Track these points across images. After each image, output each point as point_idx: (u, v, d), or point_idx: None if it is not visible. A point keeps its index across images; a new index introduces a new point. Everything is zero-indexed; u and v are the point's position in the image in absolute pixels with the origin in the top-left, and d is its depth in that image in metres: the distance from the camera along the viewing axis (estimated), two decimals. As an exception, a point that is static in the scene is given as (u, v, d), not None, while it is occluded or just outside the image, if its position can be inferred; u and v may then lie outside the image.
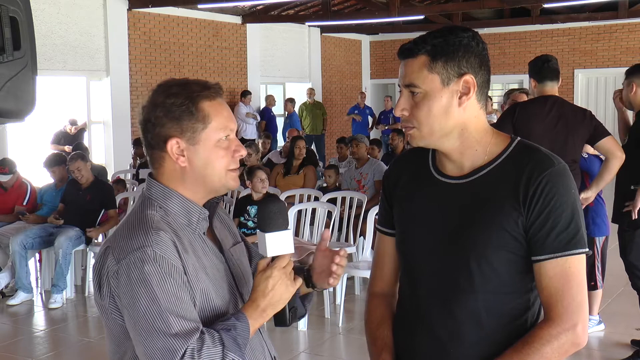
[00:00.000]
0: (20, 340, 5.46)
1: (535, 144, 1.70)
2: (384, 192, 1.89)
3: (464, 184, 1.69)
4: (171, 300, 1.53)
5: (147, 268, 1.53)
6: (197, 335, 1.53)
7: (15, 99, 3.27)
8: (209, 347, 1.52)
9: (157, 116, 1.64)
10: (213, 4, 11.78)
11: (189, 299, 1.57)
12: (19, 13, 3.24)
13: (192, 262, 1.62)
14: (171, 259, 1.56)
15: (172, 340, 1.51)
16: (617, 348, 4.77)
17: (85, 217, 6.47)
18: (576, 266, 1.61)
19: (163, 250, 1.56)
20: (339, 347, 5.20)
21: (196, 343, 1.52)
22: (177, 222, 1.66)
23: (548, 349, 1.60)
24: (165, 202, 1.67)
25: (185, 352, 1.50)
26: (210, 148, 1.66)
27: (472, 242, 1.64)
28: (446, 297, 1.69)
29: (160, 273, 1.53)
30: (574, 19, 14.17)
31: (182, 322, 1.52)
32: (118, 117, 11.33)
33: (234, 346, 1.56)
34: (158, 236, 1.57)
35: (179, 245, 1.60)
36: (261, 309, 1.63)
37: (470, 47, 1.64)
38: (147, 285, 1.53)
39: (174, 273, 1.55)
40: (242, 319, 1.60)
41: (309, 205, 6.28)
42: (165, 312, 1.52)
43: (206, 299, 1.63)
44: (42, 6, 9.97)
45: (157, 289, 1.52)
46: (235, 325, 1.58)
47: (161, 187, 1.68)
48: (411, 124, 1.68)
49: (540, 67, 4.27)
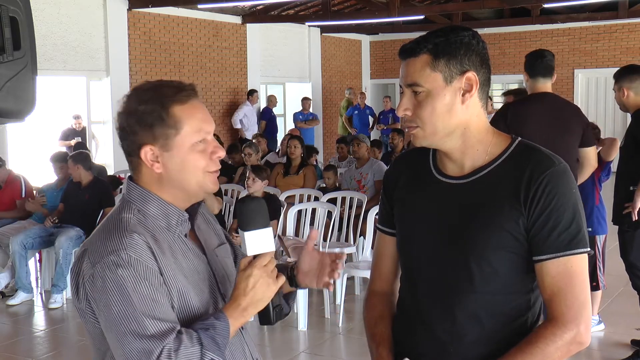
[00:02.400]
0: (20, 340, 5.47)
1: (536, 144, 1.70)
2: (384, 191, 1.89)
3: (464, 184, 1.69)
4: (146, 303, 1.53)
5: (121, 272, 1.53)
6: (173, 336, 1.53)
7: (15, 99, 3.26)
8: (186, 346, 1.52)
9: (129, 124, 1.64)
10: (213, 4, 11.77)
11: (166, 300, 1.57)
12: (19, 13, 3.24)
13: (169, 263, 1.61)
14: (146, 261, 1.56)
15: (148, 341, 1.51)
16: (617, 348, 4.77)
17: (85, 216, 6.47)
18: (579, 265, 1.62)
19: (137, 253, 1.56)
20: (339, 347, 5.20)
21: (173, 343, 1.52)
22: (156, 224, 1.65)
23: (552, 348, 1.60)
24: (144, 205, 1.66)
25: (162, 351, 1.50)
26: (184, 153, 1.64)
27: (473, 242, 1.64)
28: (446, 297, 1.69)
29: (134, 276, 1.54)
30: (574, 19, 14.16)
31: (158, 323, 1.53)
32: (118, 117, 11.31)
33: (212, 345, 1.55)
34: (132, 239, 1.57)
35: (155, 247, 1.60)
36: (242, 308, 1.62)
37: (471, 45, 1.65)
38: (122, 288, 1.53)
39: (149, 275, 1.56)
40: (221, 319, 1.59)
41: (309, 205, 6.27)
42: (140, 315, 1.52)
43: (184, 300, 1.62)
44: (42, 6, 9.96)
45: (132, 292, 1.53)
46: (214, 325, 1.58)
47: (139, 191, 1.68)
48: (414, 124, 1.68)
49: (534, 63, 4.25)
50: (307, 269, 1.82)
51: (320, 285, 1.82)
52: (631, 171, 4.34)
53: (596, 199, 4.80)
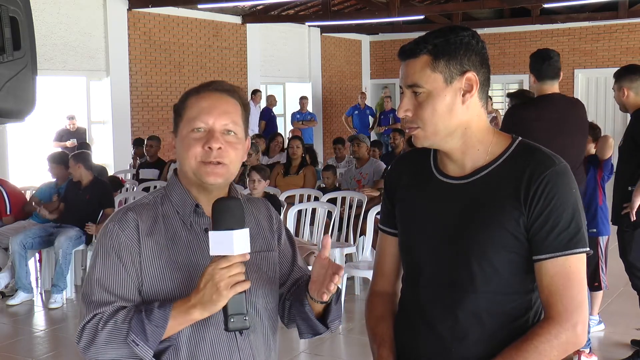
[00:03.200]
0: (20, 340, 5.46)
1: (536, 144, 1.70)
2: (386, 191, 1.89)
3: (465, 184, 1.69)
4: (103, 272, 1.66)
5: (102, 239, 1.69)
6: (111, 308, 1.62)
7: (15, 99, 3.26)
8: (116, 321, 1.60)
9: None
10: (213, 4, 11.77)
11: (128, 277, 1.65)
12: (19, 13, 3.24)
13: (154, 247, 1.67)
14: (127, 236, 1.67)
15: (88, 305, 1.65)
16: (617, 348, 4.78)
17: (85, 217, 6.47)
18: (576, 265, 1.62)
19: (122, 227, 1.68)
20: (339, 347, 5.20)
21: (106, 314, 1.62)
22: (171, 210, 1.73)
23: (547, 347, 1.60)
24: (170, 190, 1.77)
25: (94, 317, 1.62)
26: (182, 139, 1.72)
27: (474, 242, 1.64)
28: (448, 296, 1.69)
29: (106, 246, 1.67)
30: (574, 19, 14.17)
31: (103, 293, 1.64)
32: (118, 117, 11.33)
33: (138, 329, 1.58)
34: (125, 215, 1.70)
35: (144, 227, 1.68)
36: (189, 305, 1.57)
37: (471, 45, 1.65)
38: (96, 253, 1.70)
39: (121, 250, 1.66)
40: (163, 308, 1.58)
41: (309, 205, 6.28)
42: (94, 281, 1.66)
43: (156, 286, 1.66)
44: (42, 6, 9.96)
45: (99, 259, 1.68)
46: (152, 310, 1.58)
47: (173, 177, 1.79)
48: (415, 125, 1.68)
49: (541, 66, 4.23)
50: (315, 278, 1.69)
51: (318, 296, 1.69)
52: (630, 171, 4.33)
53: (599, 200, 4.79)
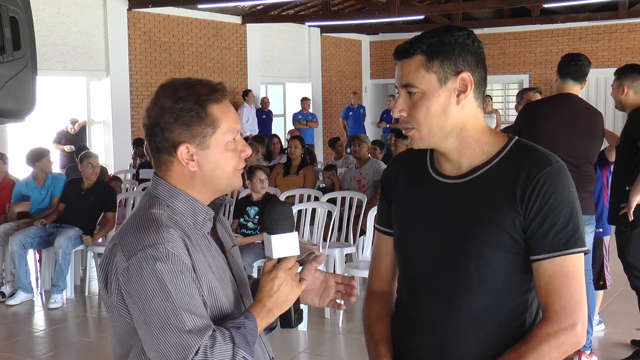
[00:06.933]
0: (20, 340, 5.47)
1: (533, 144, 1.70)
2: (382, 191, 1.89)
3: (461, 184, 1.69)
4: (184, 298, 1.54)
5: (160, 265, 1.53)
6: (209, 333, 1.54)
7: (15, 99, 3.26)
8: (220, 344, 1.53)
9: (166, 121, 1.62)
10: (213, 4, 11.78)
11: (199, 296, 1.58)
12: (19, 13, 3.24)
13: (201, 260, 1.62)
14: (182, 256, 1.56)
15: (186, 336, 1.51)
16: (617, 348, 4.78)
17: (85, 217, 6.48)
18: (575, 265, 1.61)
19: (175, 247, 1.56)
20: (339, 347, 5.20)
21: (208, 340, 1.53)
22: (185, 221, 1.66)
23: (545, 347, 1.59)
24: (172, 201, 1.66)
25: (199, 349, 1.51)
26: (219, 151, 1.66)
27: (471, 242, 1.64)
28: (445, 296, 1.69)
29: (172, 270, 1.54)
30: (574, 19, 14.16)
31: (195, 319, 1.53)
32: (118, 117, 11.33)
33: (244, 344, 1.57)
34: (169, 234, 1.57)
35: (189, 243, 1.60)
36: (267, 309, 1.64)
37: (466, 45, 1.64)
38: (160, 281, 1.52)
39: (185, 270, 1.56)
40: (250, 318, 1.62)
41: (309, 205, 6.27)
42: (179, 309, 1.52)
43: (214, 297, 1.63)
44: (42, 6, 9.96)
45: (170, 286, 1.53)
46: (245, 324, 1.60)
47: (168, 186, 1.67)
48: (410, 125, 1.68)
49: (567, 64, 4.18)
50: (310, 288, 1.86)
51: (325, 304, 1.88)
52: (627, 171, 4.32)
53: (605, 200, 4.79)
